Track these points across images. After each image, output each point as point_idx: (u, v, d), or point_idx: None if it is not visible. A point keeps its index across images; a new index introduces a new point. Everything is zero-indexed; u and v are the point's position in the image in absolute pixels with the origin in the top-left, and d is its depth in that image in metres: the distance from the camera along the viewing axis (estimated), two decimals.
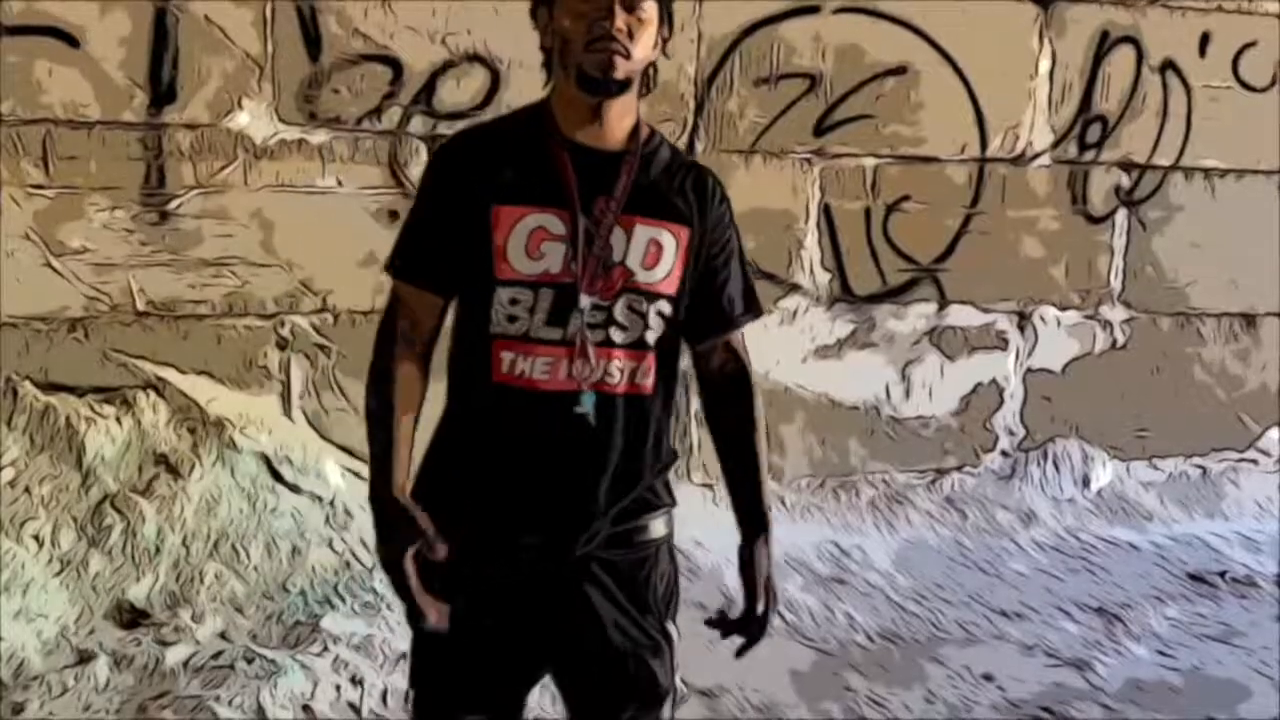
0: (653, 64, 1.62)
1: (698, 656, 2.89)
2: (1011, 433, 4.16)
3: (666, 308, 1.63)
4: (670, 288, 1.62)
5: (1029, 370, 4.14)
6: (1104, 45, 3.98)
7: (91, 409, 3.17)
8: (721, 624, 1.78)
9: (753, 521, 1.76)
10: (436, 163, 1.67)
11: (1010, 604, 3.37)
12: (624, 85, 1.56)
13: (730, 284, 1.71)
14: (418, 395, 1.62)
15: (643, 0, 1.53)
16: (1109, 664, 3.03)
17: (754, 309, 1.75)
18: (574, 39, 1.53)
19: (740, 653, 1.78)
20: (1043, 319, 4.11)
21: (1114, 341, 4.21)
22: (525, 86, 3.34)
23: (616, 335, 1.60)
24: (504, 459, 1.62)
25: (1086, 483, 4.16)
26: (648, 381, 1.64)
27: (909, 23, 3.73)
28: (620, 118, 1.60)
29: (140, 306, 3.24)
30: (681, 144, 3.58)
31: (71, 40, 3.04)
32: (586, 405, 1.59)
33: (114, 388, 3.22)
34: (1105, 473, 4.21)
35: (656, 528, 1.71)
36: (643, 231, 1.60)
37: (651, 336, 1.62)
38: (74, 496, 3.03)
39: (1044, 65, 3.92)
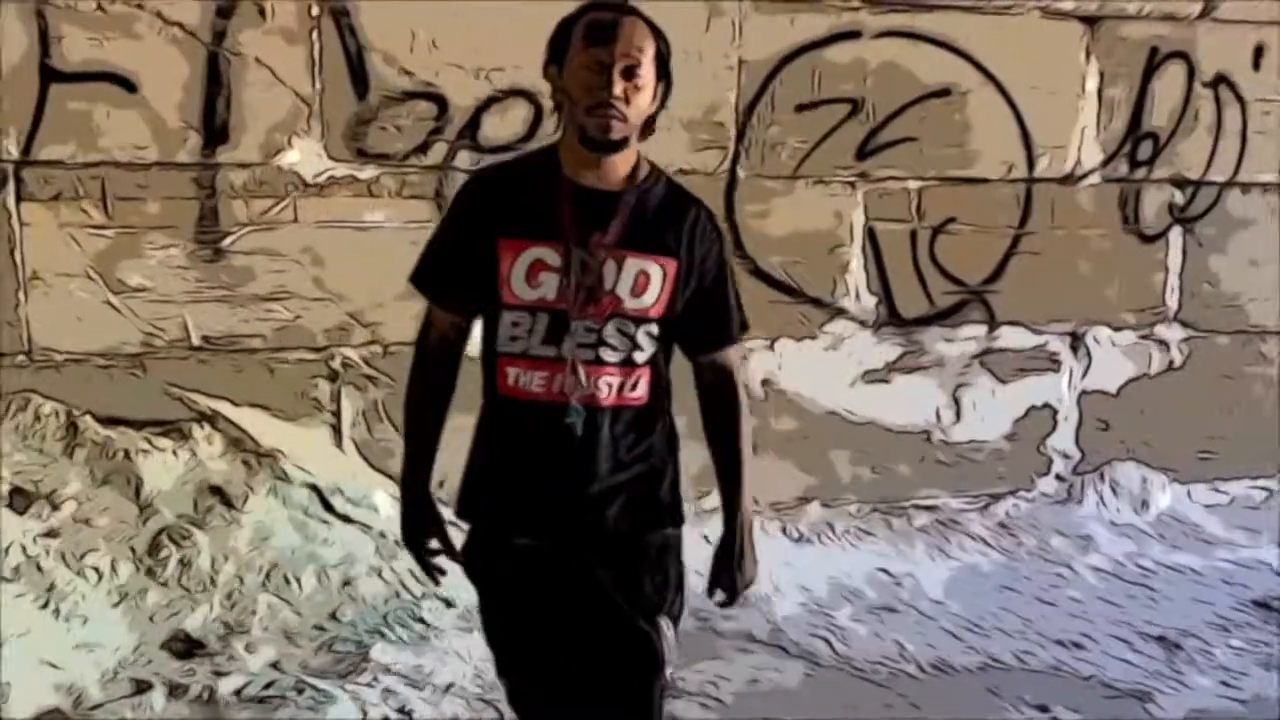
0: (653, 115, 1.79)
1: (742, 688, 2.92)
2: (1066, 456, 4.09)
3: (655, 329, 1.82)
4: (658, 312, 1.82)
5: (1083, 392, 4.07)
6: (1153, 61, 3.93)
7: (149, 442, 3.25)
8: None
9: (730, 518, 1.94)
10: (460, 194, 1.88)
11: (1067, 633, 3.30)
12: (622, 143, 1.75)
13: (720, 308, 1.89)
14: (442, 401, 1.86)
15: (639, 68, 1.71)
16: (1170, 695, 2.95)
17: (743, 326, 1.94)
18: (578, 102, 1.72)
19: (723, 604, 1.98)
20: (1096, 340, 4.04)
21: (1171, 362, 4.12)
22: None
23: (606, 355, 1.80)
24: (503, 462, 1.85)
25: (1145, 506, 4.07)
26: (637, 394, 1.83)
27: (952, 44, 3.72)
28: (620, 164, 1.78)
29: (195, 341, 3.31)
30: (723, 171, 3.59)
31: (129, 85, 3.14)
32: (574, 417, 1.78)
33: (170, 421, 3.31)
34: (1165, 496, 4.11)
35: (655, 533, 1.87)
36: (633, 263, 1.78)
37: (640, 356, 1.82)
38: (132, 528, 3.11)
39: (1091, 83, 3.87)
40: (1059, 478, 4.08)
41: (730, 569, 1.93)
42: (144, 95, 3.16)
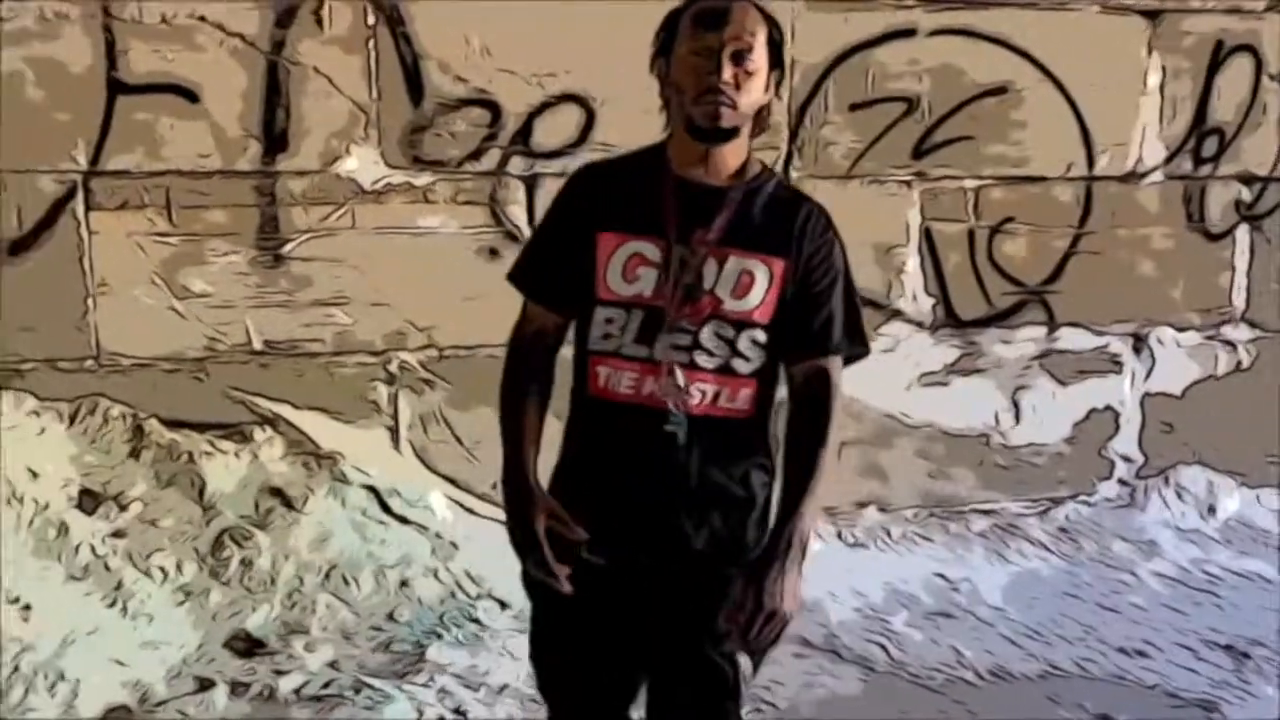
0: (766, 105, 1.72)
1: (795, 693, 2.90)
2: (1129, 460, 4.00)
3: (761, 336, 1.70)
4: (764, 316, 1.70)
5: (1146, 394, 3.99)
6: (1219, 55, 3.83)
7: (212, 444, 3.32)
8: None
9: (780, 528, 1.70)
10: (564, 189, 1.82)
11: (1130, 640, 3.23)
12: (731, 133, 1.67)
13: (826, 312, 1.74)
14: (538, 394, 1.77)
15: (750, 52, 1.64)
16: (1237, 705, 2.88)
17: (857, 343, 1.78)
18: (686, 91, 1.65)
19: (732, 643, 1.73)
20: (1160, 341, 3.96)
21: (1238, 363, 4.02)
22: (618, 123, 3.42)
23: (701, 359, 1.69)
24: (588, 467, 1.77)
25: (1212, 511, 3.97)
26: (737, 407, 1.72)
27: (1008, 41, 3.66)
28: (729, 157, 1.71)
29: (257, 346, 3.38)
30: (777, 171, 3.57)
31: (191, 96, 3.22)
32: (675, 424, 1.68)
33: (233, 424, 3.37)
34: (1233, 501, 4.01)
35: (738, 553, 1.75)
36: (736, 262, 1.69)
37: (743, 366, 1.70)
38: (196, 529, 3.18)
39: (1153, 79, 3.79)
40: (1121, 482, 4.00)
41: (760, 589, 1.63)
42: (206, 105, 3.23)
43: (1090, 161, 3.80)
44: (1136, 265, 3.90)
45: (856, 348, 1.78)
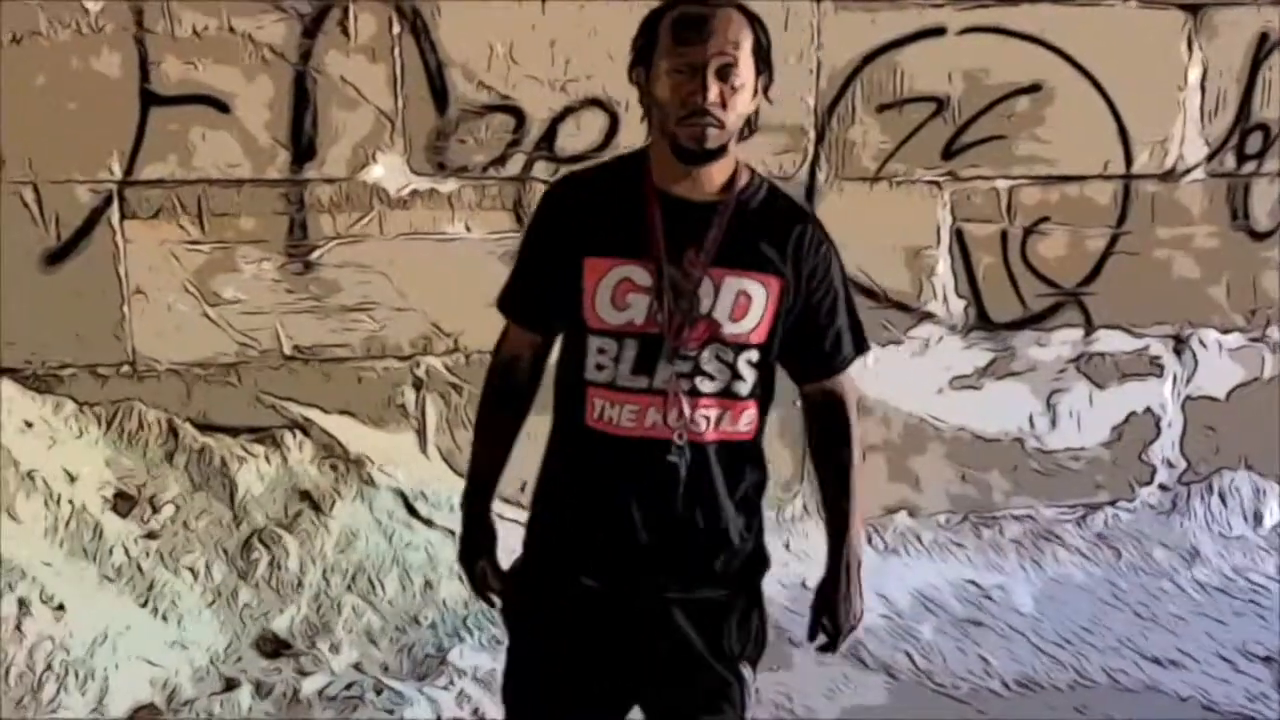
0: (753, 114, 1.64)
1: (816, 700, 2.87)
2: (1171, 465, 3.91)
3: (755, 356, 1.64)
4: (759, 338, 1.64)
5: (1188, 398, 3.89)
6: (1263, 49, 3.72)
7: (243, 448, 3.37)
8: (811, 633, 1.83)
9: (835, 553, 1.77)
10: (540, 208, 1.74)
11: (1165, 650, 3.16)
12: (719, 152, 1.58)
13: (832, 328, 1.71)
14: (514, 421, 1.75)
15: (736, 66, 1.54)
16: (1274, 719, 2.79)
17: (861, 347, 1.77)
18: (668, 110, 1.55)
19: (823, 648, 1.83)
20: (1202, 343, 3.86)
21: None
22: (641, 127, 3.40)
23: (703, 385, 1.63)
24: (585, 499, 1.69)
25: (1259, 519, 3.86)
26: (740, 430, 1.67)
27: (1041, 39, 3.59)
28: (717, 171, 1.62)
29: (287, 351, 3.43)
30: (803, 174, 3.55)
31: (222, 106, 3.27)
32: (677, 456, 1.62)
33: (264, 428, 3.42)
34: None
35: (739, 576, 1.73)
36: (732, 283, 1.61)
37: (742, 387, 1.65)
38: (226, 531, 3.23)
39: (1194, 74, 3.70)
40: (1163, 487, 3.90)
41: (835, 610, 1.75)
42: (236, 115, 3.28)
43: (1128, 160, 3.71)
44: (1177, 265, 3.80)
45: (863, 350, 1.77)
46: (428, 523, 3.41)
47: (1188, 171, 3.75)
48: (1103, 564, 3.68)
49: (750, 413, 1.67)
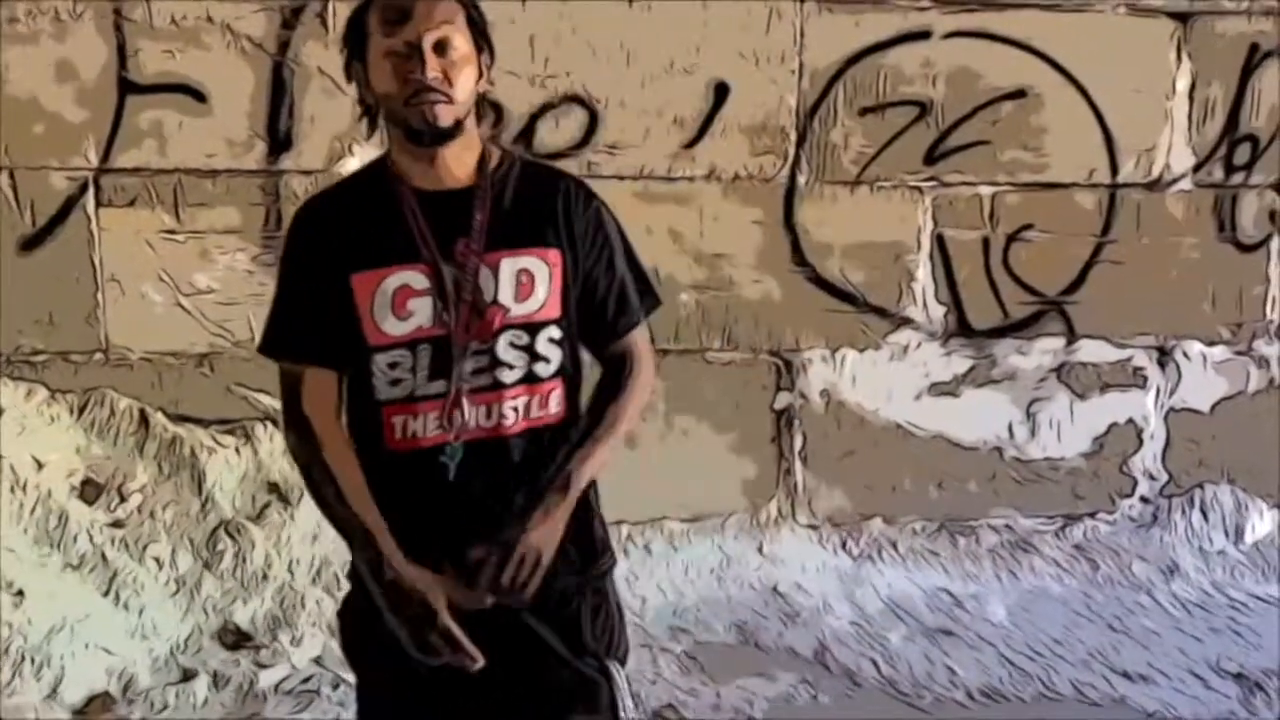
0: (484, 92, 1.60)
1: (775, 705, 2.84)
2: (1152, 477, 3.86)
3: (556, 332, 1.59)
4: (552, 313, 1.59)
5: (1171, 410, 3.84)
6: (1253, 59, 3.68)
7: (214, 439, 3.37)
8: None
9: (554, 475, 1.60)
10: (291, 236, 1.64)
11: (1135, 665, 3.11)
12: (455, 129, 1.53)
13: (617, 289, 1.66)
14: (357, 465, 1.57)
15: (452, 39, 1.51)
16: None
17: (650, 300, 1.70)
18: (392, 94, 1.51)
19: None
20: (1186, 355, 3.81)
21: (1271, 379, 3.85)
22: (622, 125, 3.41)
23: (505, 375, 1.57)
24: (402, 520, 1.56)
25: (1240, 534, 3.80)
26: (550, 412, 1.61)
27: (1027, 44, 3.55)
28: (462, 154, 1.57)
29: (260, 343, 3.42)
30: (783, 176, 3.52)
31: (199, 95, 3.27)
32: (448, 457, 1.55)
33: (235, 419, 3.42)
34: (1263, 523, 3.84)
35: (590, 569, 1.67)
36: (509, 264, 1.56)
37: (545, 369, 1.59)
38: (193, 521, 3.23)
39: (1182, 83, 3.65)
40: (1144, 500, 3.86)
41: (518, 532, 1.53)
42: (213, 105, 3.28)
43: (1114, 168, 3.67)
44: (1162, 276, 3.75)
45: (650, 303, 1.71)
46: None
47: (1174, 181, 3.71)
48: (1079, 576, 3.63)
49: (557, 393, 1.61)
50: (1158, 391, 3.83)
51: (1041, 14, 3.56)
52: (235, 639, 3.02)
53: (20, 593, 2.88)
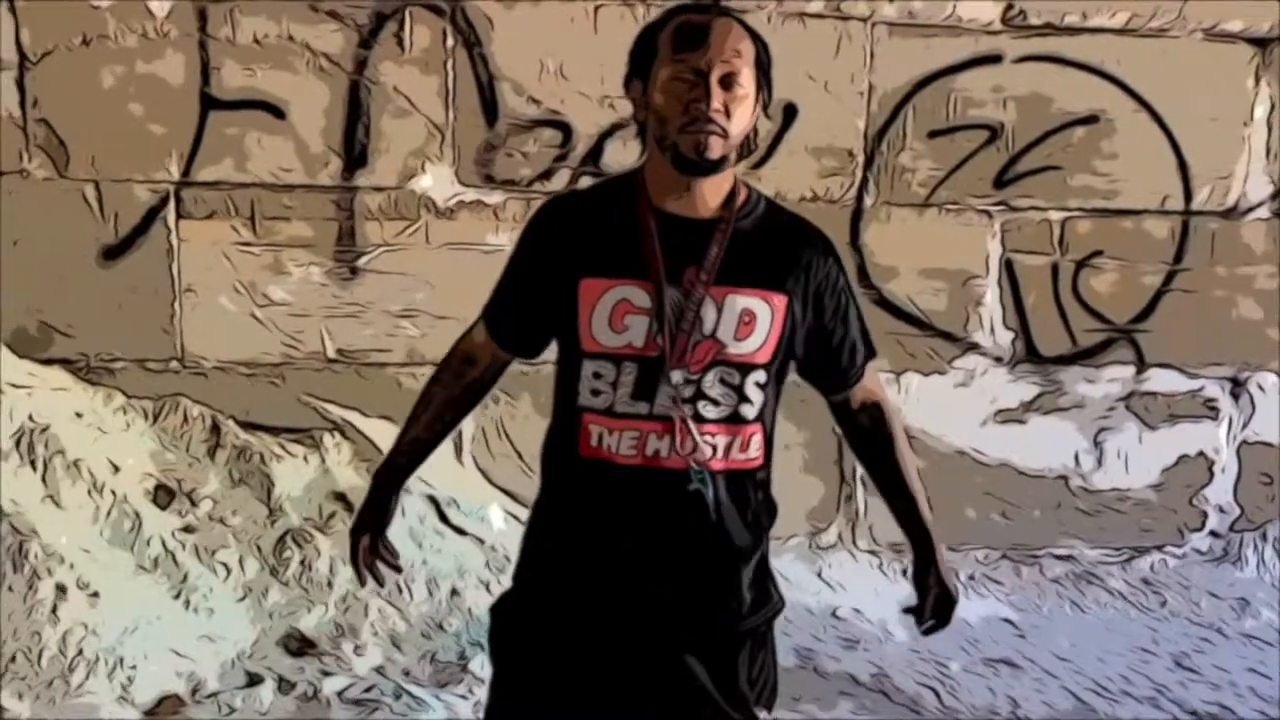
0: (753, 129, 1.60)
1: None
2: (1223, 511, 3.78)
3: (762, 377, 1.60)
4: (764, 357, 1.59)
5: (1244, 442, 3.76)
6: None
7: (283, 447, 3.43)
8: (915, 610, 1.79)
9: (918, 541, 1.78)
10: (530, 228, 1.69)
11: (1206, 703, 3.04)
12: (720, 163, 1.54)
13: (850, 341, 1.70)
14: (448, 416, 1.78)
15: (739, 75, 1.51)
16: None
17: (871, 352, 1.75)
18: (669, 118, 1.52)
19: (927, 631, 1.79)
20: (1261, 387, 3.73)
21: None
22: None
23: (707, 410, 1.57)
24: (586, 535, 1.61)
25: None
26: (750, 456, 1.61)
27: (1100, 69, 3.52)
28: (715, 186, 1.57)
29: (330, 354, 3.49)
30: (850, 198, 3.52)
31: (278, 112, 3.35)
32: (698, 482, 1.56)
33: (304, 429, 3.48)
34: None
35: (753, 617, 1.68)
36: (735, 302, 1.56)
37: (750, 410, 1.59)
38: (261, 528, 3.28)
39: (1260, 110, 3.60)
40: (1214, 534, 3.78)
41: (941, 592, 1.75)
42: (291, 121, 3.36)
43: (1188, 195, 3.62)
44: (1236, 305, 3.69)
45: (872, 355, 1.76)
46: (459, 531, 3.43)
47: (1251, 209, 3.65)
48: (1146, 610, 3.56)
49: (758, 437, 1.61)
50: (1230, 423, 3.75)
51: (1115, 39, 3.53)
52: (300, 646, 3.06)
53: (95, 593, 2.95)
